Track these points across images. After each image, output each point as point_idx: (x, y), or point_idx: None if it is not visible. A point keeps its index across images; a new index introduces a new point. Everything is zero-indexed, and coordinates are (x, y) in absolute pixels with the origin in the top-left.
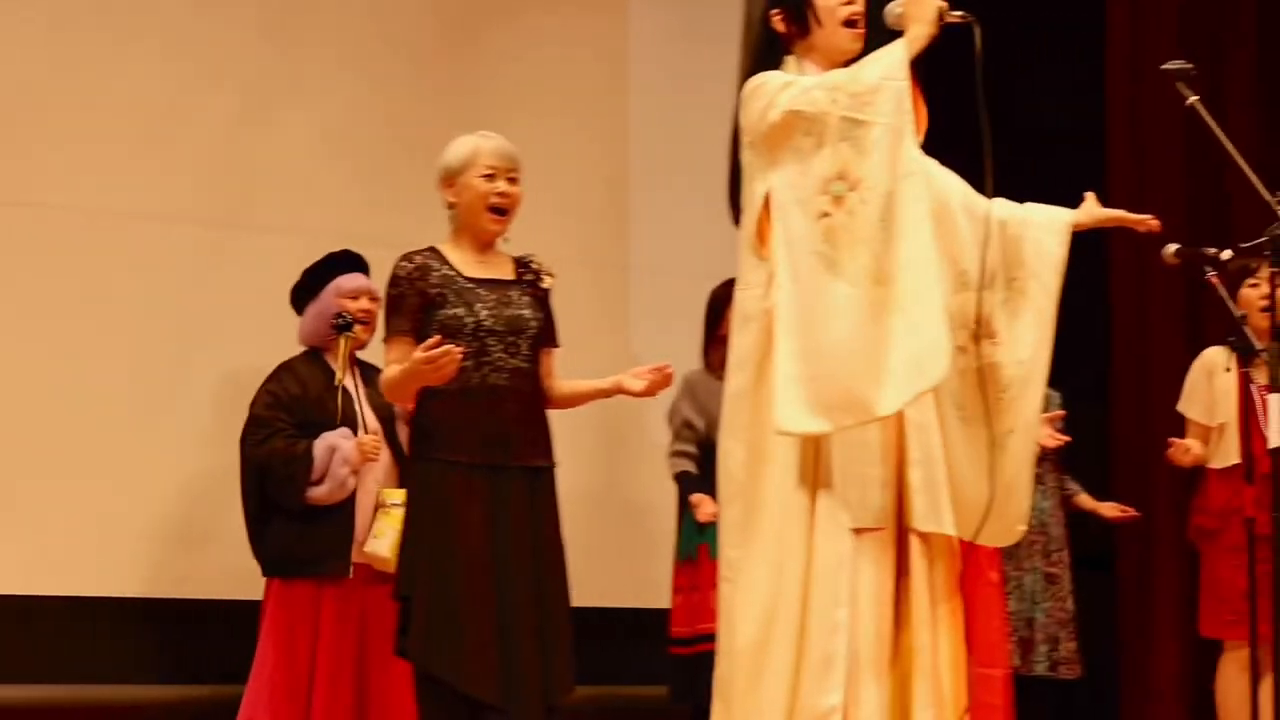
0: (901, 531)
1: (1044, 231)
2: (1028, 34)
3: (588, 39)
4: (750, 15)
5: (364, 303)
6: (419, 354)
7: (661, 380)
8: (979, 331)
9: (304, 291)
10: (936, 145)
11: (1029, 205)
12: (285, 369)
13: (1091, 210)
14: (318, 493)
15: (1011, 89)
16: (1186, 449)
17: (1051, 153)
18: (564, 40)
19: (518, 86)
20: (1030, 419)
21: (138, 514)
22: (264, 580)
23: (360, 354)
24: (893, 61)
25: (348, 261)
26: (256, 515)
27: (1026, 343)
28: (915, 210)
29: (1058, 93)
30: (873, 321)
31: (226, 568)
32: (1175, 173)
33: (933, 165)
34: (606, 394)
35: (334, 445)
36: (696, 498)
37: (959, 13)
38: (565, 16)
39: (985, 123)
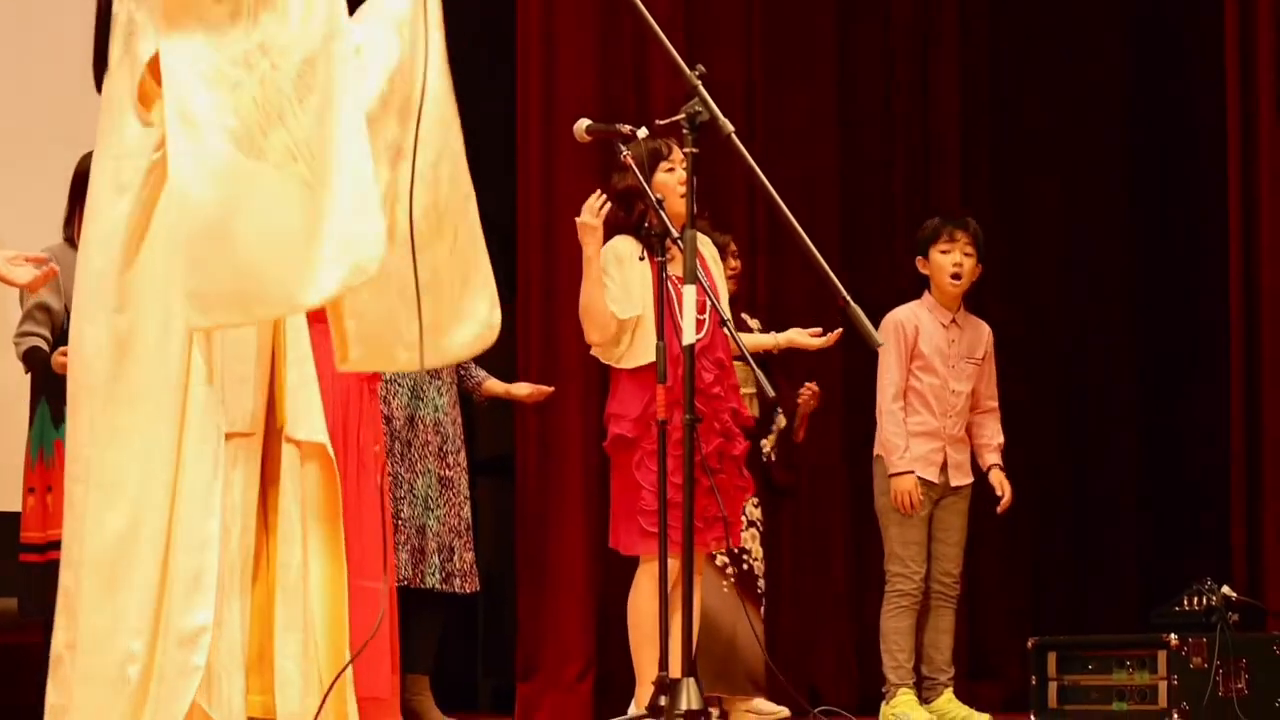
0: (271, 437)
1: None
2: None
3: None
4: None
5: None
6: None
7: (48, 274)
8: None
9: None
10: None
11: None
12: None
13: None
14: None
15: None
16: None
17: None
18: None
19: None
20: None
21: None
22: None
23: None
24: None
25: None
26: None
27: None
28: (340, 74)
29: None
30: (296, 204)
31: None
32: (588, 41)
33: None
34: None
35: None
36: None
37: None
38: None
39: None
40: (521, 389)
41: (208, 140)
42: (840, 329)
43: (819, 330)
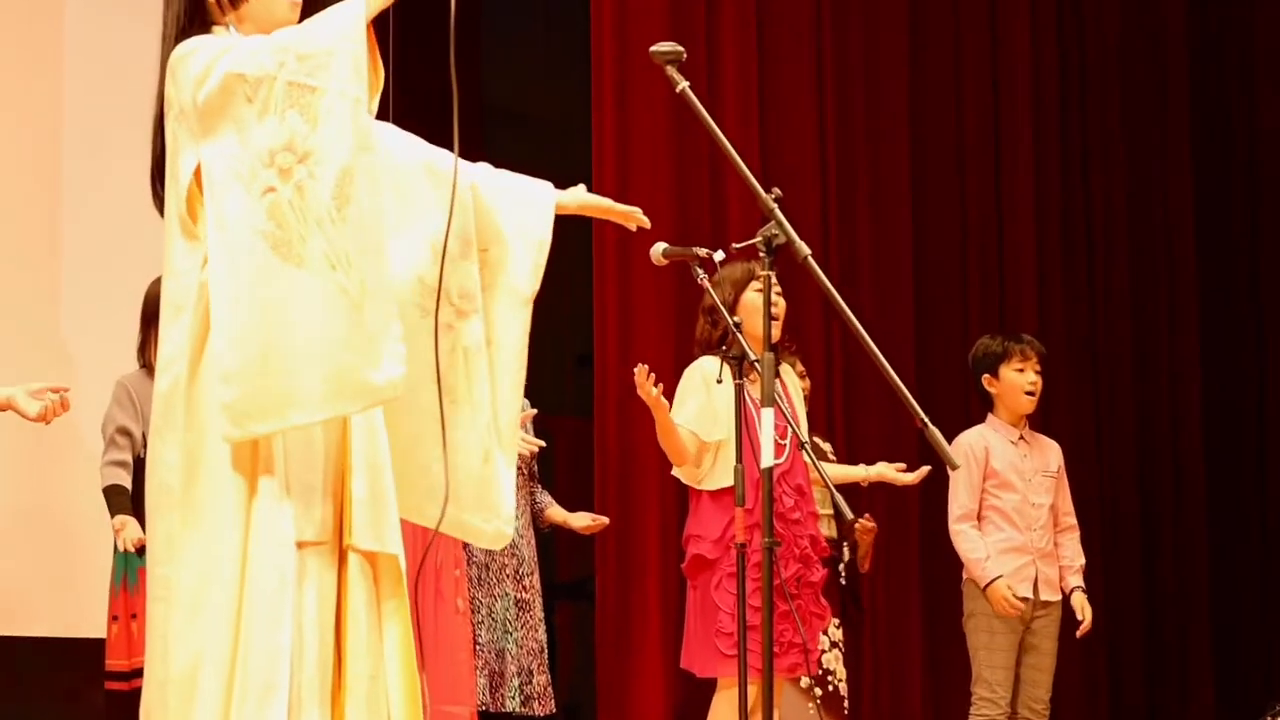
0: (342, 549)
1: (524, 206)
2: (511, 6)
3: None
4: None
5: None
6: None
7: (63, 404)
8: (462, 307)
9: None
10: (400, 115)
11: (506, 173)
12: None
13: (578, 195)
14: None
15: (491, 65)
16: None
17: (532, 137)
18: None
19: None
20: (507, 405)
21: None
22: None
23: None
24: (349, 22)
25: None
26: None
27: (502, 323)
28: (374, 188)
29: (541, 71)
30: (337, 312)
31: None
32: (664, 165)
33: (391, 129)
34: None
35: None
36: (120, 520)
37: None
38: None
39: (455, 93)
40: (579, 519)
41: (242, 243)
42: (928, 466)
43: (904, 466)
